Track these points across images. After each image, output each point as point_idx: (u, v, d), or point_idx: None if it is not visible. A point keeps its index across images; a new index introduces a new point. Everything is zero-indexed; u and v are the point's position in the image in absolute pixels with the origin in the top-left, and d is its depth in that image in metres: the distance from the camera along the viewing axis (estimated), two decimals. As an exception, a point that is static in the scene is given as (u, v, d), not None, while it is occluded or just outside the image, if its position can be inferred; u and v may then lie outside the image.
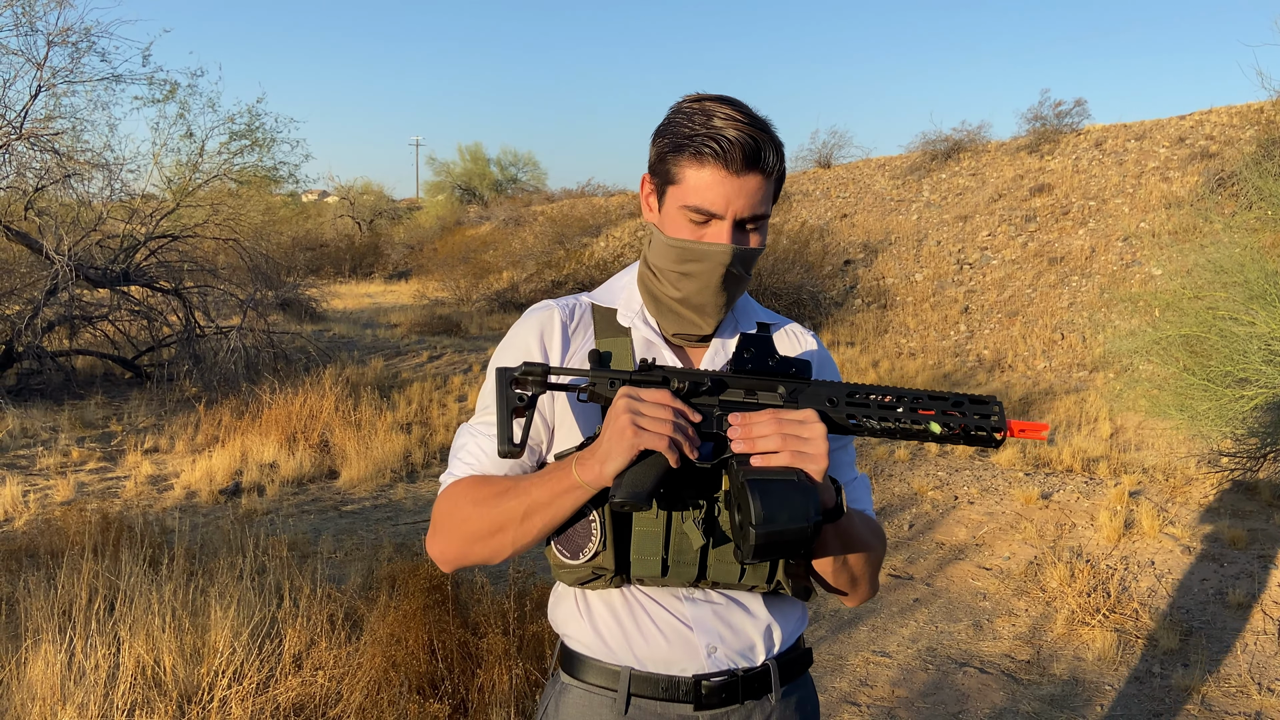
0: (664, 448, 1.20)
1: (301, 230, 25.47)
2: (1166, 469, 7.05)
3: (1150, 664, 4.22)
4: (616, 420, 1.23)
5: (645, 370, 1.29)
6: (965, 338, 13.77)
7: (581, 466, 1.28)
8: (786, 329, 1.60)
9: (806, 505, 1.17)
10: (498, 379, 1.30)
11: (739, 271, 1.39)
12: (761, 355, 1.31)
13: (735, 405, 1.29)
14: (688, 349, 1.52)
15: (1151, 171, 15.86)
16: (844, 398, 1.28)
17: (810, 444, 1.21)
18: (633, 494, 1.21)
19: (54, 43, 9.67)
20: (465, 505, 1.39)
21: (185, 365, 10.50)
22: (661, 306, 1.47)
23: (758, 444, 1.22)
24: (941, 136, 20.08)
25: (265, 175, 14.33)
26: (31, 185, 9.94)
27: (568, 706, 1.46)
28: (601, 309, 1.53)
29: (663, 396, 1.24)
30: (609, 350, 1.46)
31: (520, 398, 1.29)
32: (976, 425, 1.26)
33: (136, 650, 3.55)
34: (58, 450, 7.86)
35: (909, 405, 1.27)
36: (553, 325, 1.49)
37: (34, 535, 5.41)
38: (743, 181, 1.34)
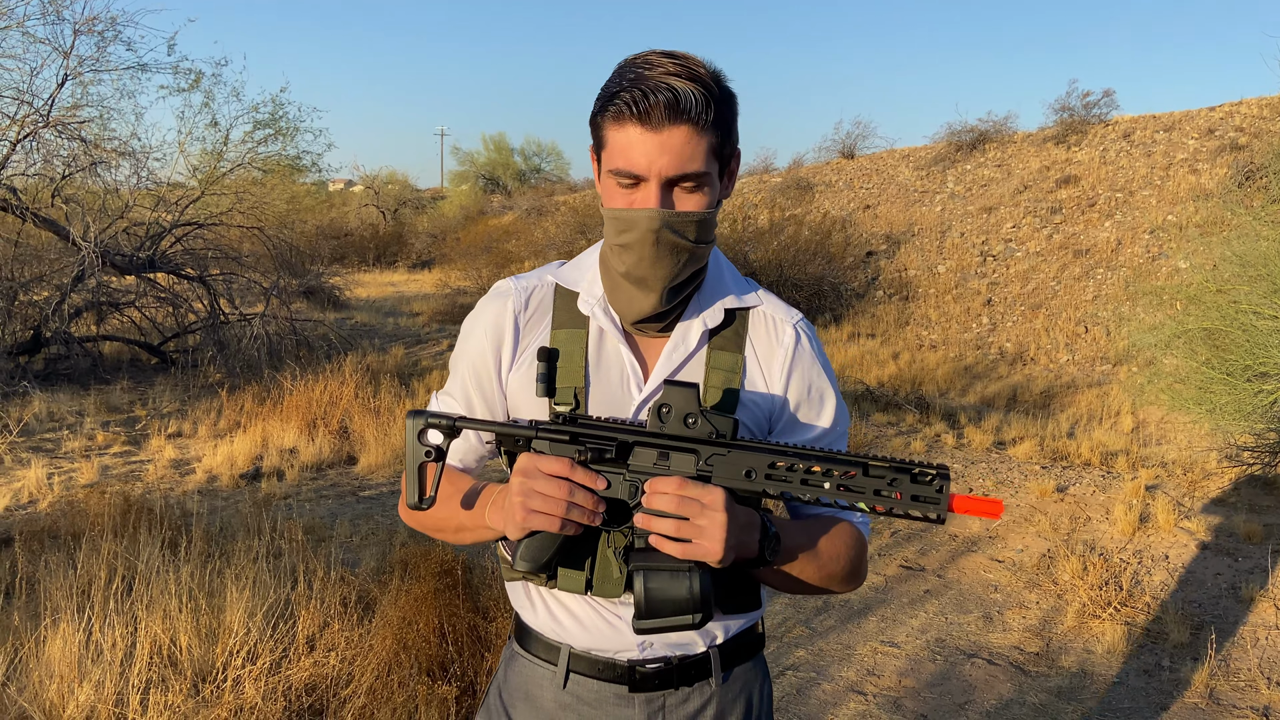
0: (554, 529, 1.18)
1: (326, 219, 25.63)
2: (1186, 463, 7.00)
3: (1160, 657, 4.21)
4: (511, 495, 1.21)
5: (552, 425, 1.24)
6: (987, 330, 13.69)
7: (491, 515, 1.31)
8: (764, 315, 1.45)
9: (690, 601, 1.17)
10: (407, 429, 1.28)
11: (677, 238, 1.27)
12: (680, 413, 1.22)
13: (644, 473, 1.23)
14: (647, 340, 1.42)
15: (1180, 163, 15.67)
16: (764, 469, 1.20)
17: (706, 532, 1.15)
18: (532, 566, 1.24)
19: (80, 31, 9.79)
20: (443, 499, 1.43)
21: (209, 351, 10.62)
22: (616, 286, 1.37)
23: (654, 523, 1.17)
24: (967, 127, 19.92)
25: (289, 164, 14.45)
26: (59, 172, 10.07)
27: (515, 674, 1.49)
28: (565, 291, 1.44)
29: (561, 467, 1.19)
30: (559, 348, 1.38)
31: (427, 451, 1.27)
32: (911, 506, 1.16)
33: (153, 629, 3.62)
34: (83, 434, 7.99)
35: (837, 482, 1.18)
36: (504, 319, 1.43)
37: (56, 517, 5.51)
38: (665, 136, 1.22)
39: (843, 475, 1.18)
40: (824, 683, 3.97)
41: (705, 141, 1.24)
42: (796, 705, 3.79)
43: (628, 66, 1.25)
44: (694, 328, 1.40)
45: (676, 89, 1.20)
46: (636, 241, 1.27)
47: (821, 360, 1.46)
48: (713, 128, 1.24)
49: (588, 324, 1.41)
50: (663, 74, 1.21)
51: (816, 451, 1.21)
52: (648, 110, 1.21)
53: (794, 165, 24.37)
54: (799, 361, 1.43)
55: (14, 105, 9.47)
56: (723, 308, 1.41)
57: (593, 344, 1.40)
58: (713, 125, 1.24)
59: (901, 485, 1.17)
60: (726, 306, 1.42)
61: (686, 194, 1.27)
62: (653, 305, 1.34)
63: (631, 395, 1.38)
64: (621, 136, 1.24)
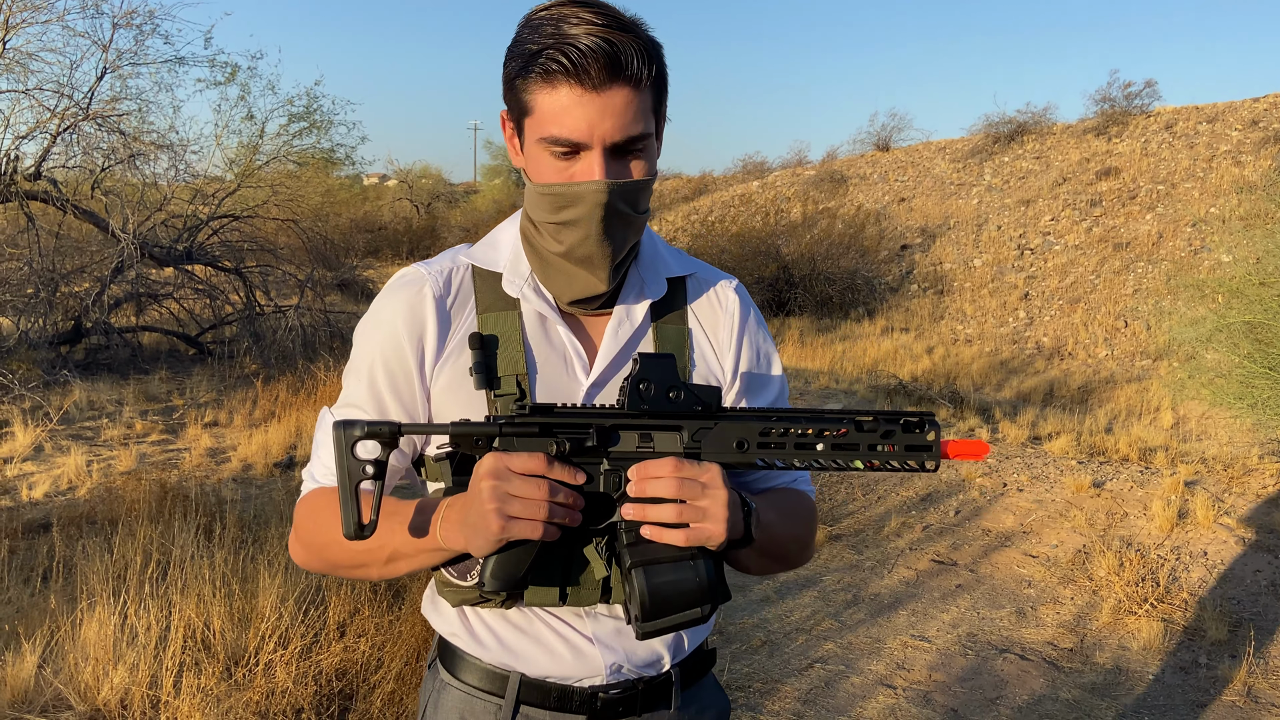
0: (537, 536, 1.04)
1: (360, 212, 25.86)
2: (1226, 459, 6.87)
3: (1197, 654, 4.13)
4: (481, 503, 1.03)
5: (519, 418, 1.09)
6: (1024, 324, 13.52)
7: (446, 532, 1.10)
8: (702, 282, 1.37)
9: (700, 591, 1.08)
10: (335, 442, 1.05)
11: (624, 209, 1.16)
12: (663, 386, 1.11)
13: (627, 458, 1.11)
14: (586, 320, 1.30)
15: (1223, 155, 15.37)
16: (756, 438, 1.12)
17: (709, 514, 1.06)
18: (505, 582, 1.08)
19: (119, 25, 9.94)
20: (324, 527, 1.21)
21: (245, 343, 10.75)
22: (548, 266, 1.24)
23: (649, 511, 1.06)
24: (1005, 119, 19.72)
25: (323, 157, 14.58)
26: (98, 165, 10.23)
27: (446, 709, 1.30)
28: (484, 273, 1.28)
29: (536, 464, 1.04)
30: (494, 334, 1.24)
31: (364, 468, 1.06)
32: (906, 457, 1.13)
33: (187, 614, 3.66)
34: (122, 422, 8.11)
35: (830, 442, 1.12)
36: (424, 305, 1.24)
37: (94, 503, 5.60)
38: (606, 98, 1.09)
39: (835, 435, 1.12)
40: (853, 676, 3.94)
41: (646, 100, 1.13)
42: (825, 698, 3.76)
43: (543, 20, 1.11)
44: (636, 303, 1.29)
45: (614, 42, 1.07)
46: (582, 218, 1.14)
47: (763, 323, 1.40)
48: (651, 85, 1.13)
49: (518, 306, 1.26)
50: (591, 27, 1.08)
51: (803, 411, 1.14)
52: (585, 68, 1.07)
53: (828, 158, 24.23)
54: (746, 327, 1.35)
55: (54, 98, 9.64)
56: (664, 278, 1.31)
57: (529, 327, 1.26)
58: (652, 83, 1.13)
59: (895, 437, 1.12)
60: (666, 275, 1.32)
61: (631, 160, 1.15)
62: (600, 284, 1.22)
63: (579, 380, 1.26)
64: (554, 99, 1.10)
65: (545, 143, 1.13)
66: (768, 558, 1.27)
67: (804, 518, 1.34)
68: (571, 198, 1.14)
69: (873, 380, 10.05)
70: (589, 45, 1.07)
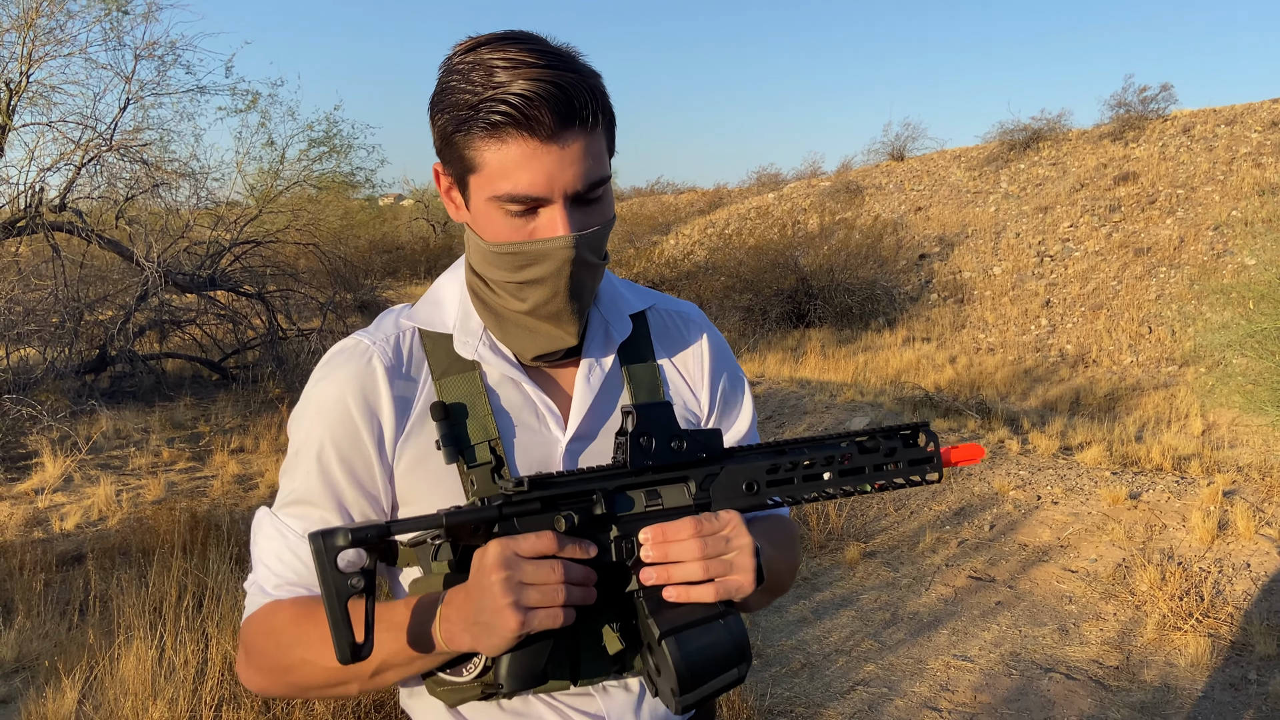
0: (559, 623, 0.94)
1: (378, 233, 26.00)
2: (1263, 467, 6.77)
3: (1246, 670, 4.05)
4: (493, 598, 0.92)
5: (518, 497, 0.98)
6: (1047, 332, 13.42)
7: (449, 633, 0.98)
8: (661, 314, 1.29)
9: (736, 650, 0.99)
10: (315, 556, 0.93)
11: (590, 259, 1.08)
12: (664, 436, 1.04)
13: (636, 519, 1.02)
14: (552, 371, 1.20)
15: (1243, 157, 15.25)
16: (765, 477, 1.07)
17: (736, 565, 0.99)
18: (526, 681, 0.98)
19: (141, 56, 10.02)
20: (286, 647, 1.07)
21: (269, 367, 10.80)
22: (506, 324, 1.15)
23: (674, 573, 0.98)
24: (1020, 126, 19.64)
25: (343, 181, 14.67)
26: (122, 195, 10.32)
27: None
28: (433, 336, 1.17)
29: (546, 545, 0.95)
30: (458, 401, 1.13)
31: (352, 581, 0.94)
32: (910, 472, 1.11)
33: (224, 646, 3.65)
34: (149, 450, 8.14)
35: (837, 470, 1.09)
36: (376, 380, 1.12)
37: (126, 534, 5.61)
38: (562, 147, 1.00)
39: (841, 461, 1.09)
40: (896, 698, 3.88)
41: (600, 141, 1.05)
42: (869, 722, 3.71)
43: (471, 66, 1.00)
44: (603, 346, 1.21)
45: (561, 85, 0.98)
46: (549, 275, 1.06)
47: (725, 345, 1.33)
48: (604, 125, 1.05)
49: (477, 368, 1.16)
50: (528, 70, 0.98)
51: (803, 441, 1.09)
52: (535, 117, 0.98)
53: (843, 169, 24.19)
54: (715, 353, 1.29)
55: (78, 130, 9.73)
56: (627, 315, 1.24)
57: (493, 388, 1.15)
58: (605, 122, 1.05)
59: (898, 454, 1.10)
60: (629, 312, 1.24)
61: (592, 206, 1.07)
62: (570, 339, 1.14)
63: (555, 437, 1.16)
64: (503, 154, 1.00)
65: (499, 201, 1.03)
66: (767, 594, 1.22)
67: (793, 545, 1.31)
68: (536, 256, 1.05)
69: (897, 392, 9.98)
70: (534, 92, 0.97)
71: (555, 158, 1.00)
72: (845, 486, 1.09)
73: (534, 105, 0.97)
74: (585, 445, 1.18)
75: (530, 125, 0.98)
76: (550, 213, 1.03)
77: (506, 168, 1.01)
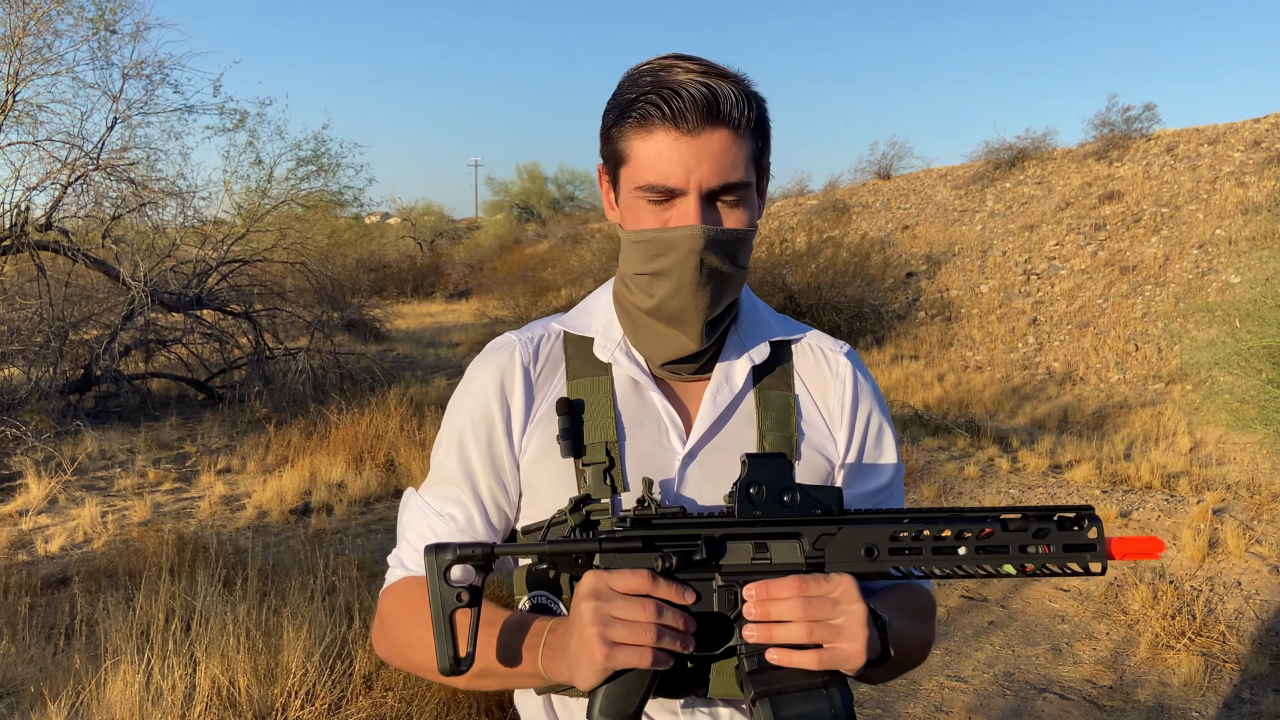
0: (646, 664, 0.93)
1: (365, 252, 25.96)
2: (1251, 485, 6.80)
3: (1239, 689, 4.05)
4: (581, 628, 0.94)
5: (621, 535, 0.99)
6: (1034, 350, 13.47)
7: (549, 661, 1.01)
8: (811, 346, 1.28)
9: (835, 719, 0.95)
10: (427, 568, 1.00)
11: (721, 262, 1.10)
12: (776, 489, 1.01)
13: (741, 572, 1.00)
14: (682, 385, 1.22)
15: (1226, 176, 15.40)
16: (887, 543, 1.01)
17: (844, 633, 0.94)
18: (617, 716, 0.97)
19: (129, 75, 10.00)
20: (414, 624, 1.13)
21: (255, 386, 10.73)
22: (638, 328, 1.19)
23: (776, 633, 0.95)
24: (1005, 145, 19.77)
25: (331, 199, 14.65)
26: (108, 214, 10.27)
27: None
28: (576, 339, 1.24)
29: (640, 583, 0.94)
30: (581, 398, 1.18)
31: (459, 595, 0.99)
32: (1066, 558, 1.00)
33: (212, 671, 3.60)
34: (135, 471, 8.06)
35: (973, 545, 1.00)
36: (513, 372, 1.20)
37: (112, 556, 5.54)
38: (702, 141, 1.05)
39: (979, 536, 1.00)
40: (891, 720, 3.86)
41: (745, 148, 1.09)
42: (864, 744, 3.69)
43: (642, 72, 1.09)
44: (737, 366, 1.21)
45: (712, 86, 1.05)
46: (675, 266, 1.09)
47: (878, 392, 1.29)
48: (752, 134, 1.10)
49: (609, 371, 1.20)
50: (689, 75, 1.05)
51: (940, 511, 1.02)
52: (681, 112, 1.04)
53: (829, 187, 24.30)
54: (860, 396, 1.25)
55: (65, 149, 9.69)
56: (767, 341, 1.23)
57: (620, 393, 1.19)
58: (752, 130, 1.09)
59: (1050, 536, 1.00)
60: (769, 339, 1.24)
61: (729, 208, 1.10)
62: (691, 343, 1.15)
63: (674, 449, 1.17)
64: (650, 146, 1.07)
65: (640, 191, 1.09)
66: (893, 668, 1.15)
67: (928, 617, 1.24)
68: (665, 244, 1.09)
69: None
70: (684, 89, 1.04)
71: (694, 151, 1.05)
72: (984, 565, 1.01)
73: (681, 101, 1.04)
74: (704, 463, 1.18)
75: (675, 119, 1.04)
76: (684, 204, 1.08)
77: (650, 159, 1.07)
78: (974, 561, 1.00)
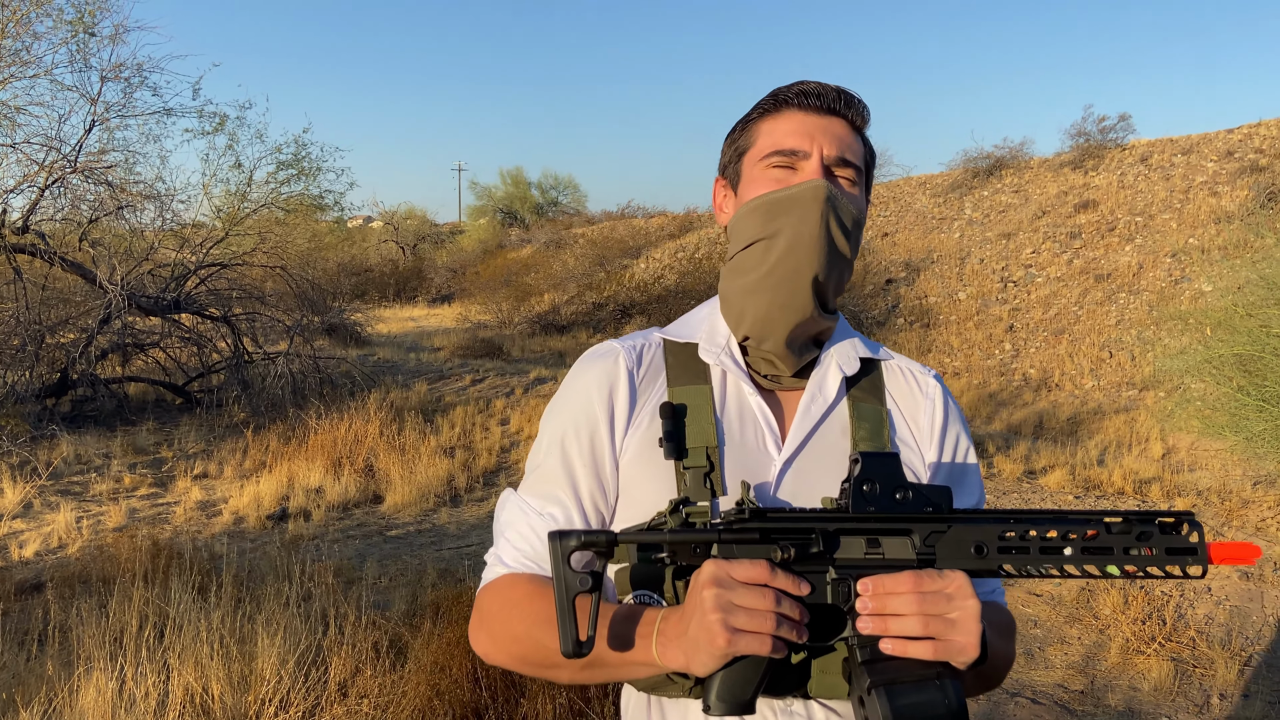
0: (765, 651, 0.96)
1: (347, 255, 25.86)
2: (1222, 491, 6.89)
3: (1209, 694, 4.11)
4: (703, 613, 0.96)
5: (738, 524, 1.02)
6: (1011, 356, 13.59)
7: (664, 648, 1.03)
8: (900, 368, 1.31)
9: (950, 716, 0.96)
10: (551, 554, 1.03)
11: (838, 228, 1.15)
12: (888, 487, 1.03)
13: (854, 565, 1.02)
14: (782, 395, 1.25)
15: (1199, 186, 15.59)
16: (996, 542, 1.03)
17: (959, 626, 0.96)
18: (733, 705, 0.99)
19: (107, 78, 9.95)
20: (517, 619, 1.16)
21: (234, 391, 10.68)
22: (748, 307, 1.21)
23: (891, 625, 0.97)
24: (983, 153, 19.93)
25: (311, 203, 14.59)
26: (86, 217, 10.20)
27: None
28: (676, 346, 1.28)
29: (760, 573, 0.97)
30: (684, 403, 1.21)
31: (582, 580, 1.02)
32: (1167, 560, 1.02)
33: (186, 678, 3.59)
34: (110, 476, 8.01)
35: (1079, 546, 1.02)
36: (618, 375, 1.24)
37: (86, 562, 5.51)
38: (826, 122, 1.18)
39: (1084, 538, 1.02)
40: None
41: (859, 145, 1.21)
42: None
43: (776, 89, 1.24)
44: (830, 376, 1.25)
45: (837, 89, 1.20)
46: (796, 223, 1.14)
47: (963, 417, 1.32)
48: (864, 136, 1.23)
49: (709, 379, 1.24)
50: (811, 82, 1.21)
51: (1044, 512, 1.04)
52: (810, 97, 1.18)
53: (810, 194, 24.39)
54: (950, 418, 1.28)
55: (43, 152, 9.62)
56: (857, 355, 1.27)
57: (719, 398, 1.22)
58: (865, 132, 1.23)
59: (1153, 539, 1.02)
60: (860, 355, 1.27)
61: (846, 185, 1.19)
62: (803, 303, 1.17)
63: (770, 455, 1.20)
64: (778, 123, 1.20)
65: (766, 160, 1.19)
66: (981, 681, 1.17)
67: (1011, 634, 1.25)
68: (787, 202, 1.15)
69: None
70: (813, 87, 1.19)
71: (819, 125, 1.18)
72: (1089, 566, 1.02)
73: (811, 91, 1.18)
74: (799, 469, 1.20)
75: (804, 103, 1.18)
76: (808, 164, 1.17)
77: (780, 133, 1.18)
78: (1080, 562, 1.02)
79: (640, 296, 19.05)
